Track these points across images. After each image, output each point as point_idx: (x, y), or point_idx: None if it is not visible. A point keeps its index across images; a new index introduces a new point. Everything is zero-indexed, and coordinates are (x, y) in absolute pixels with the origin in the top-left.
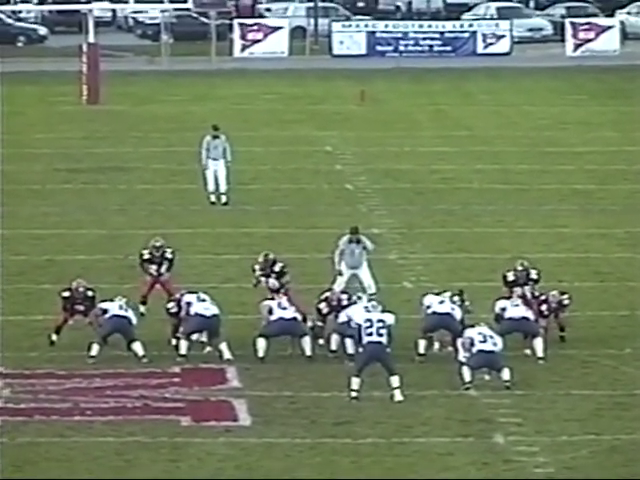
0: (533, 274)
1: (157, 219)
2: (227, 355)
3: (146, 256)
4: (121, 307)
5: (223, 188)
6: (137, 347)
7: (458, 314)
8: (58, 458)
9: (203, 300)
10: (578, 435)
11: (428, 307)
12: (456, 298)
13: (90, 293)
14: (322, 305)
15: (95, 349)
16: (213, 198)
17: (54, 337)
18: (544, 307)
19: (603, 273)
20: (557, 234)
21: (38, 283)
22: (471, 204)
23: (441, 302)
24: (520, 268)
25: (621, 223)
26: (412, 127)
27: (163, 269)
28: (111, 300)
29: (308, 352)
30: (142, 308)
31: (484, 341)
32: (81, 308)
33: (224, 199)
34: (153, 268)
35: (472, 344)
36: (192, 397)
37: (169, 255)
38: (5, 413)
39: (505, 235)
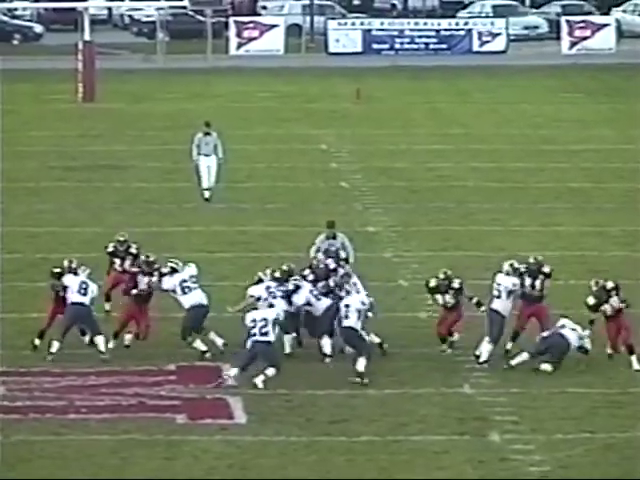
0: (546, 269)
1: (152, 217)
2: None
3: (110, 249)
4: (82, 286)
5: (211, 184)
6: (99, 341)
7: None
8: (53, 456)
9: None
10: (573, 433)
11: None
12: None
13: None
14: (306, 272)
15: (55, 346)
16: (207, 195)
17: (37, 342)
18: None
19: (598, 271)
20: (553, 232)
21: (33, 281)
22: (467, 202)
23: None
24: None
25: (616, 221)
26: (408, 125)
27: (127, 264)
28: (75, 273)
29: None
30: (107, 305)
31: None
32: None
33: (207, 194)
34: (117, 262)
35: None
36: (188, 395)
37: (133, 250)
38: (0, 411)
39: (501, 233)
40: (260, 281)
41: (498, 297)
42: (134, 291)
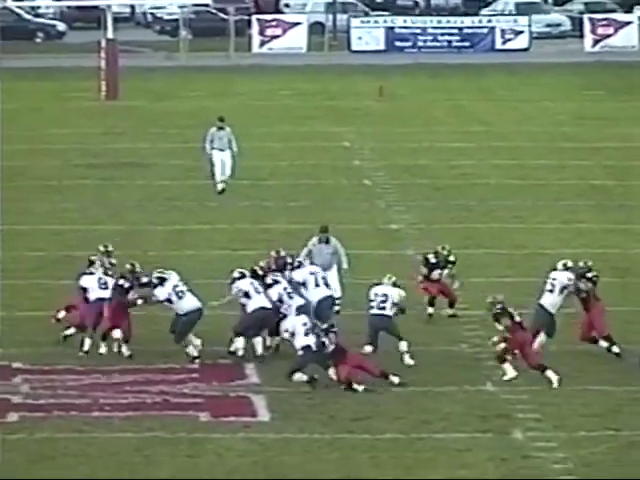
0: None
1: (175, 215)
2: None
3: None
4: (101, 282)
5: (226, 176)
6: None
7: None
8: (76, 453)
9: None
10: (597, 431)
11: None
12: None
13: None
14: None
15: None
16: (220, 187)
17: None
18: None
19: (621, 269)
20: (575, 230)
21: (57, 278)
22: (488, 199)
23: None
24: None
25: (639, 219)
26: (430, 122)
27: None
28: (90, 273)
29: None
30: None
31: None
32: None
33: (221, 187)
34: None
35: None
36: (211, 393)
37: (113, 260)
38: (24, 409)
39: (522, 231)
40: (243, 276)
41: (551, 291)
42: (139, 301)
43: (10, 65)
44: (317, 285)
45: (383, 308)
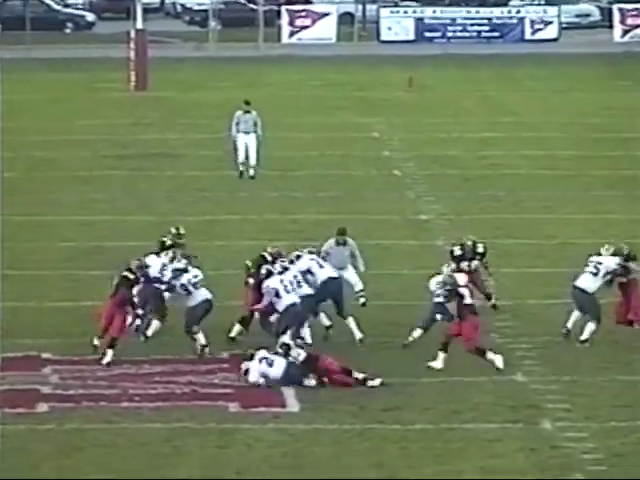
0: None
1: (205, 205)
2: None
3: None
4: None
5: (253, 161)
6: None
7: None
8: (106, 444)
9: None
10: (627, 421)
11: None
12: None
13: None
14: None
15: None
16: (242, 168)
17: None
18: None
19: None
20: (604, 220)
21: (87, 269)
22: (518, 190)
23: None
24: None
25: None
26: (459, 113)
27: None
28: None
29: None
30: None
31: None
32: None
33: (252, 172)
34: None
35: None
36: (240, 383)
37: None
38: (53, 399)
39: (552, 221)
40: (270, 274)
41: (595, 274)
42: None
43: (39, 56)
44: (321, 267)
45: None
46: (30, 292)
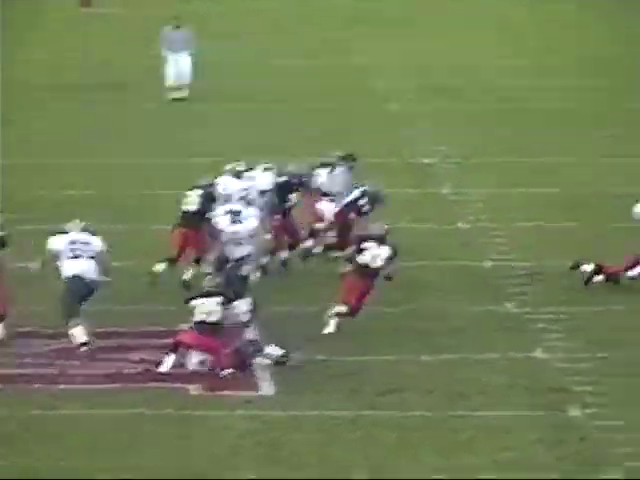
0: None
1: None
2: None
3: None
4: None
5: (185, 81)
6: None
7: None
8: (40, 434)
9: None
10: None
11: None
12: None
13: None
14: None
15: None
16: (174, 94)
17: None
18: None
19: None
20: (622, 163)
21: None
22: (538, 128)
23: None
24: None
25: None
26: (467, 37)
27: None
28: None
29: None
30: None
31: None
32: None
33: (185, 93)
34: None
35: None
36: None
37: None
38: None
39: (577, 164)
40: None
41: None
42: None
43: None
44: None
45: None
46: None
